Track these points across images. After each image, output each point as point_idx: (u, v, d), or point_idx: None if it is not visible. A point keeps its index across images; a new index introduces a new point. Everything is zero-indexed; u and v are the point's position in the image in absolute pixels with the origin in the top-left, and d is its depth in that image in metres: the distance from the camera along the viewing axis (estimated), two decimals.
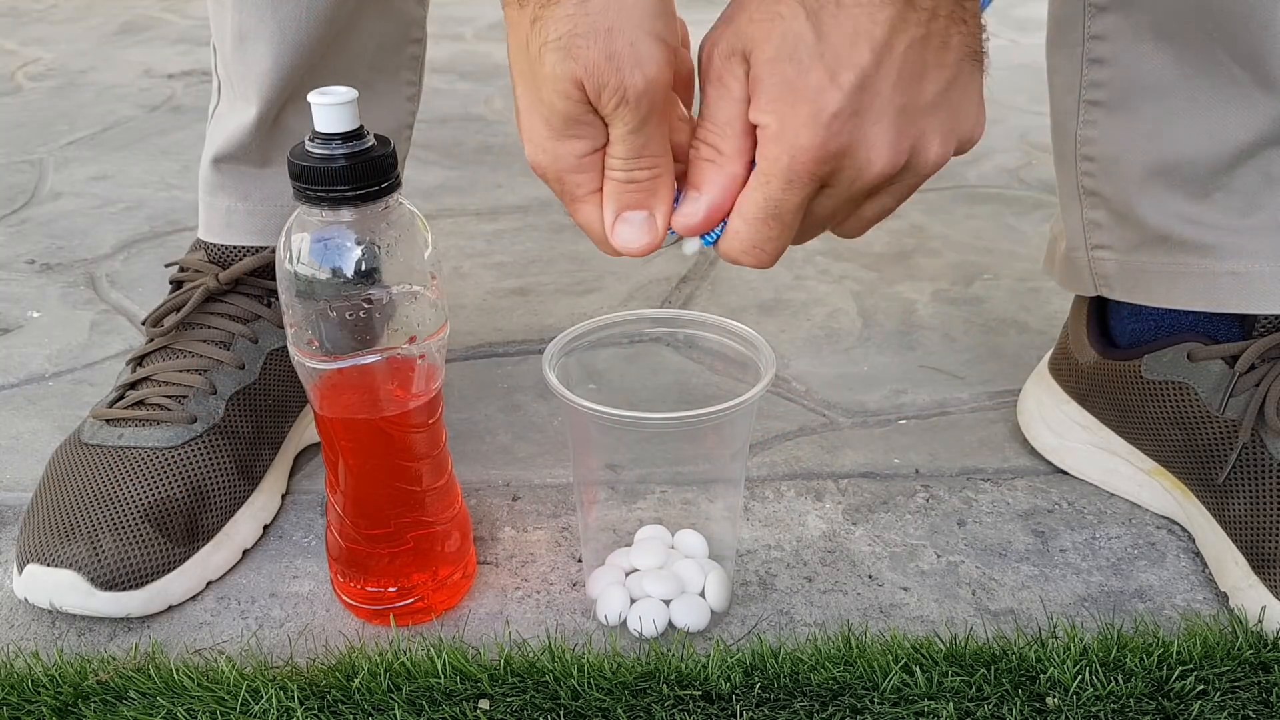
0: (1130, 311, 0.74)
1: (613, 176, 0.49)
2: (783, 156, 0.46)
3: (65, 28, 2.01)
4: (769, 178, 0.47)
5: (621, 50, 0.45)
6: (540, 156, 0.49)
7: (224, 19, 0.74)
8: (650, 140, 0.48)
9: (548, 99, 0.46)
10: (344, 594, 0.66)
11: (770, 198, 0.47)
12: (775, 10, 0.45)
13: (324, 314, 0.57)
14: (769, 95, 0.46)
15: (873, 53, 0.45)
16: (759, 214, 0.48)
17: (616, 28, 0.45)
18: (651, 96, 0.46)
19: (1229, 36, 0.64)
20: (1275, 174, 0.67)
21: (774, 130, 0.46)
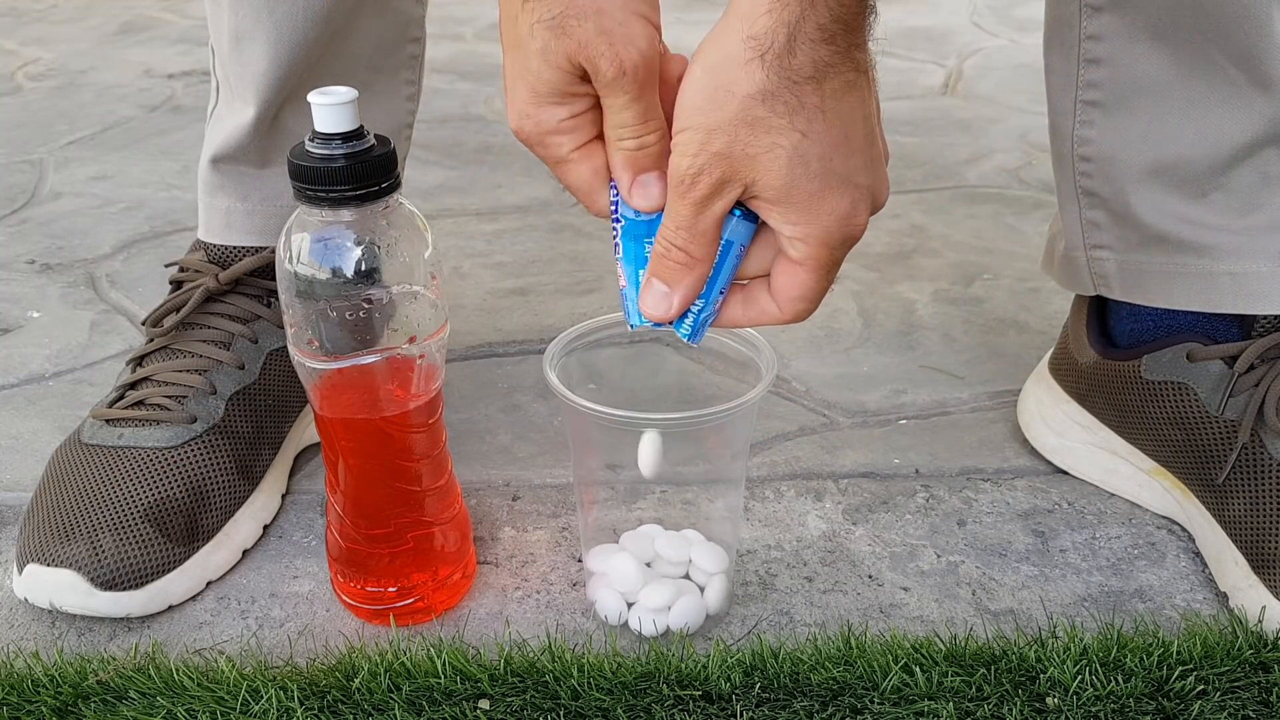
0: (1129, 311, 0.74)
1: (623, 146, 0.51)
2: (834, 252, 0.51)
3: (65, 28, 2.01)
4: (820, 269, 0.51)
5: (612, 28, 0.48)
6: (524, 122, 0.52)
7: (221, 19, 0.74)
8: (651, 107, 0.50)
9: (536, 68, 0.49)
10: (344, 594, 0.66)
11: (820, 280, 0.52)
12: (772, 140, 0.47)
13: (324, 314, 0.57)
14: (797, 213, 0.49)
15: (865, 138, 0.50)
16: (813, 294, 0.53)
17: (605, 9, 0.48)
18: (648, 66, 0.49)
19: (1224, 37, 0.64)
20: (1272, 174, 0.67)
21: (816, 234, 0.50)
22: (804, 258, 0.51)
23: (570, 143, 0.52)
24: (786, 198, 0.49)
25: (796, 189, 0.48)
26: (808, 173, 0.48)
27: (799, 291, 0.52)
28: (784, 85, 0.47)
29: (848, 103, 0.48)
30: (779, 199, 0.49)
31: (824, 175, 0.49)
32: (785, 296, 0.53)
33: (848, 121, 0.49)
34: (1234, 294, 0.68)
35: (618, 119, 0.50)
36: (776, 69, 0.46)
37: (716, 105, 0.47)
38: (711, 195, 0.49)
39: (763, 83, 0.47)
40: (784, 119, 0.47)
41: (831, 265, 0.51)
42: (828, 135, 0.48)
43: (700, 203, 0.49)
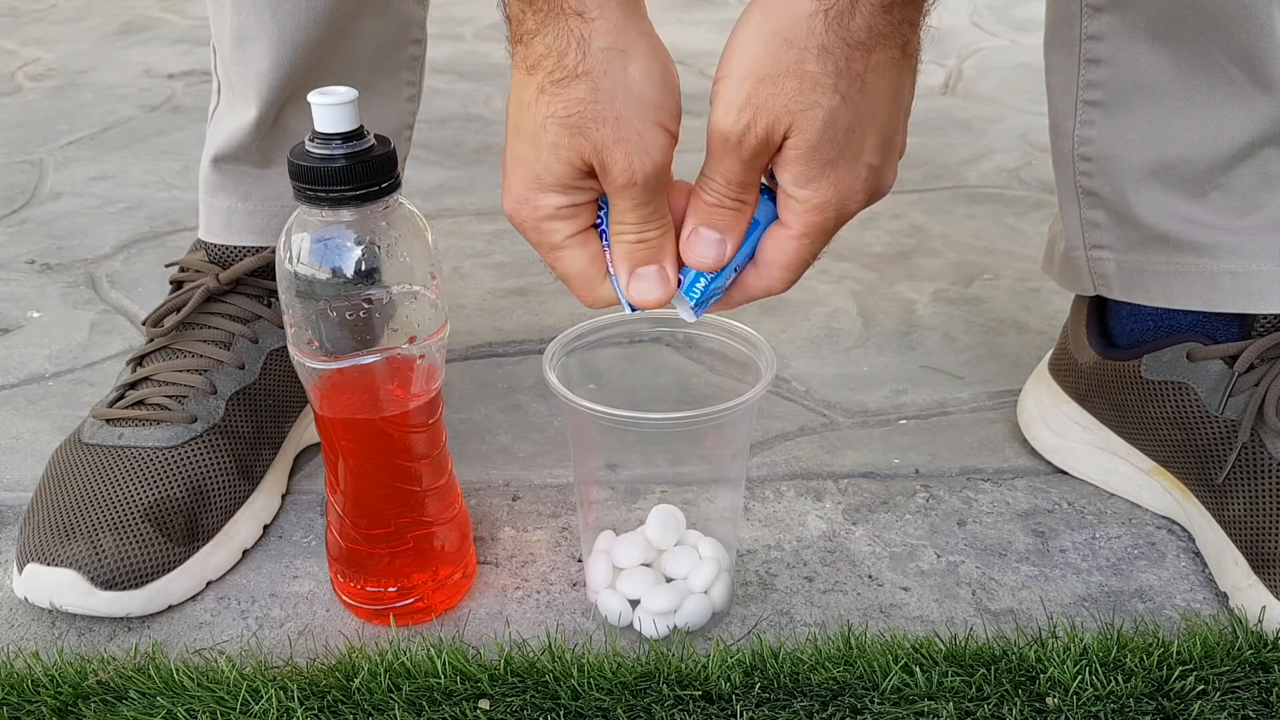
0: (1129, 311, 0.74)
1: (623, 240, 0.52)
2: (828, 221, 0.51)
3: (65, 28, 2.01)
4: (811, 237, 0.52)
5: (629, 137, 0.49)
6: (521, 207, 0.52)
7: (223, 19, 0.74)
8: (658, 209, 0.52)
9: (545, 160, 0.50)
10: (344, 594, 0.66)
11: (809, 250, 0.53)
12: (814, 99, 0.47)
13: (324, 314, 0.57)
14: (807, 176, 0.50)
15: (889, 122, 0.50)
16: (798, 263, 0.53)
17: (625, 116, 0.48)
18: (659, 176, 0.50)
19: (1225, 36, 0.64)
20: (1272, 173, 0.67)
21: (818, 200, 0.50)
22: (800, 224, 0.51)
23: (566, 229, 0.53)
24: (808, 158, 0.49)
25: (820, 152, 0.49)
26: (834, 139, 0.48)
27: (786, 258, 0.53)
28: (839, 44, 0.46)
29: (886, 80, 0.48)
30: (801, 159, 0.49)
31: (845, 145, 0.49)
32: (771, 262, 0.53)
33: (880, 99, 0.49)
34: (1234, 294, 0.68)
35: (622, 218, 0.51)
36: (836, 27, 0.46)
37: (771, 54, 0.47)
38: (760, 149, 0.49)
39: (822, 38, 0.46)
40: (830, 79, 0.47)
41: (822, 237, 0.52)
42: (861, 106, 0.48)
43: (750, 159, 0.50)
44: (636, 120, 0.49)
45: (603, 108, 0.48)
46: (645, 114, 0.49)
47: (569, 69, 0.48)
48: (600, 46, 0.48)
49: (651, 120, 0.49)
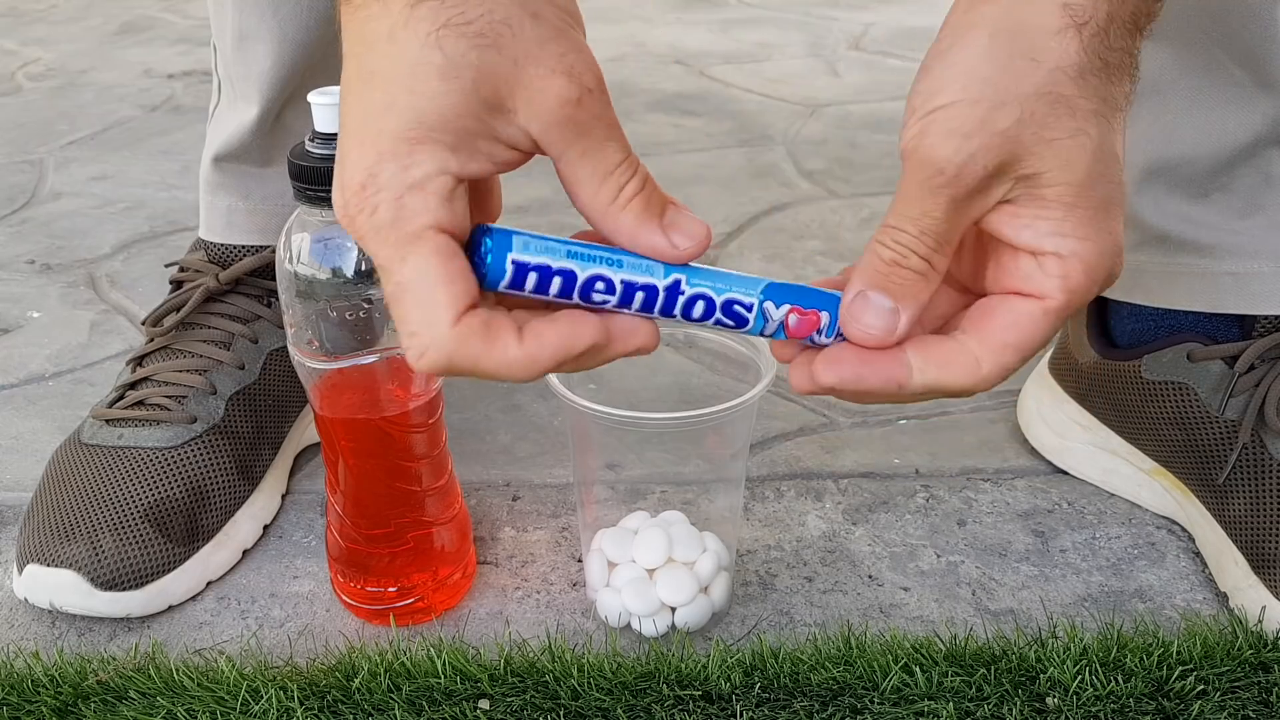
0: (1130, 311, 0.74)
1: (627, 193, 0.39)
2: (1094, 287, 0.40)
3: (65, 28, 2.01)
4: (1068, 311, 0.40)
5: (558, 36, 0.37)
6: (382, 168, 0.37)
7: (224, 18, 0.74)
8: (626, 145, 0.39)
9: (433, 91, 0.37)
10: (344, 594, 0.66)
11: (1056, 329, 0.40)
12: (1077, 125, 0.38)
13: (324, 314, 0.57)
14: (1079, 221, 0.39)
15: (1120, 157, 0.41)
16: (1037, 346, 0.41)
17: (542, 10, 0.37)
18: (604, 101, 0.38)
19: (1228, 36, 0.64)
20: (1274, 174, 0.67)
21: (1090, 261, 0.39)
22: (1063, 289, 0.39)
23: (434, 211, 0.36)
24: (1078, 199, 0.39)
25: (1092, 191, 0.39)
26: (1106, 175, 0.39)
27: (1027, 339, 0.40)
28: (1098, 65, 0.38)
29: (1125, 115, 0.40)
30: (1067, 199, 0.39)
31: (1118, 182, 0.39)
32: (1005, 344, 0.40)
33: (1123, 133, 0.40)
34: (1235, 294, 0.68)
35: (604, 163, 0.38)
36: (1094, 45, 0.38)
37: (1012, 75, 0.38)
38: (979, 189, 0.39)
39: (1078, 56, 0.38)
40: (1094, 104, 0.38)
41: (1074, 309, 0.40)
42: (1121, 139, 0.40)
43: (963, 198, 0.39)
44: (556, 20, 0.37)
45: (514, 7, 0.36)
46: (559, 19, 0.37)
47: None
48: None
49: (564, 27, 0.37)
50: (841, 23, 1.97)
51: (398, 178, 0.36)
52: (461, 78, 0.35)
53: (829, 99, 1.57)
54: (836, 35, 1.90)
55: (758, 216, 1.20)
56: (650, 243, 0.39)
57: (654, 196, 0.39)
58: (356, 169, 0.37)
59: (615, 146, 0.38)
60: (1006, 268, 0.40)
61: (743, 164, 1.34)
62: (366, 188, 0.36)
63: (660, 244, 0.39)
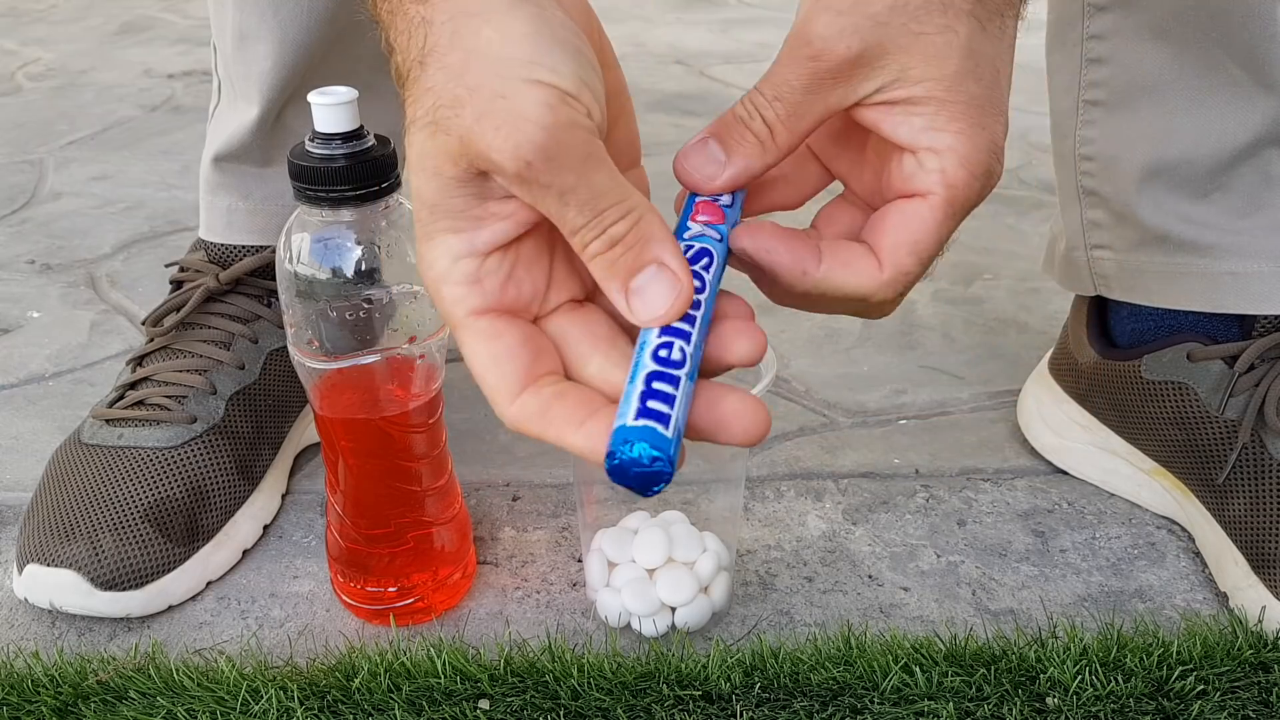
0: (1130, 311, 0.74)
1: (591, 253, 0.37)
2: (976, 183, 0.39)
3: (65, 28, 2.01)
4: (957, 208, 0.39)
5: (494, 109, 0.36)
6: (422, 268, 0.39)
7: (225, 18, 0.74)
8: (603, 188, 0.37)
9: (417, 188, 0.38)
10: (344, 594, 0.66)
11: (951, 230, 0.40)
12: (947, 23, 0.38)
13: (324, 314, 0.57)
14: (951, 116, 0.39)
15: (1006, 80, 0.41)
16: (935, 251, 0.40)
17: (481, 85, 0.36)
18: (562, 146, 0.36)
19: (1227, 36, 0.64)
20: (1274, 174, 0.67)
21: (965, 155, 0.39)
22: (940, 186, 0.39)
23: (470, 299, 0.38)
24: (948, 94, 0.38)
25: (963, 86, 0.39)
26: (978, 72, 0.39)
27: (917, 237, 0.39)
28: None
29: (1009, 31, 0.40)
30: (937, 94, 0.39)
31: (993, 85, 0.39)
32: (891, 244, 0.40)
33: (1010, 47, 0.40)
34: (1235, 294, 0.68)
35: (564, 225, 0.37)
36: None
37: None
38: (842, 71, 0.39)
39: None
40: (967, 5, 0.38)
41: (962, 210, 0.40)
42: (1002, 44, 0.39)
43: (824, 75, 0.39)
44: (497, 84, 0.36)
45: (454, 86, 0.36)
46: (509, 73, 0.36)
47: (414, 58, 0.38)
48: (442, 20, 0.37)
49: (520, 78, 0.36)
50: None
51: (429, 275, 0.38)
52: (426, 167, 0.37)
53: None
54: None
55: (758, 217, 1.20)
56: (613, 300, 0.38)
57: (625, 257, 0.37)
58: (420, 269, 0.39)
59: (573, 212, 0.37)
60: (893, 172, 0.40)
61: None
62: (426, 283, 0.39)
63: (621, 306, 0.38)
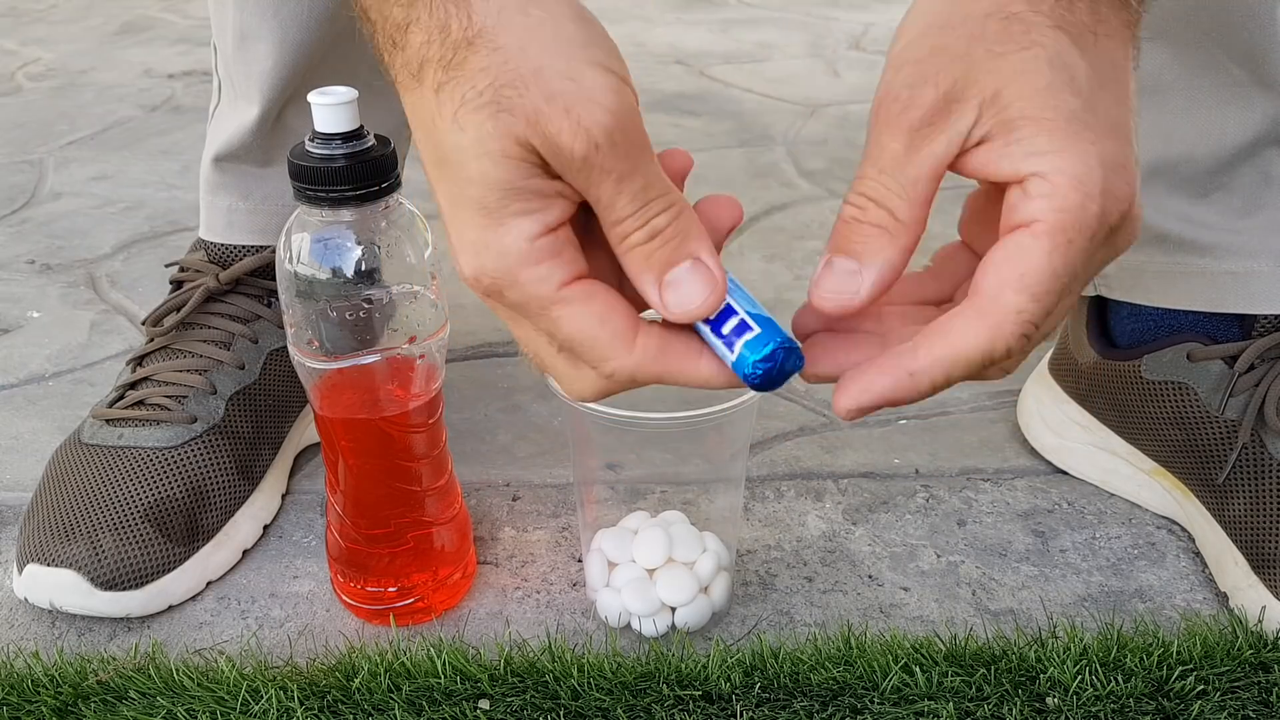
0: (1130, 311, 0.74)
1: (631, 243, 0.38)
2: (1092, 205, 0.35)
3: (65, 28, 2.01)
4: (1073, 236, 0.35)
5: (563, 89, 0.36)
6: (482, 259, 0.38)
7: (225, 18, 0.74)
8: (652, 179, 0.38)
9: (480, 172, 0.37)
10: (344, 594, 0.66)
11: (1073, 261, 0.35)
12: (1030, 39, 0.35)
13: (324, 314, 0.57)
14: (1056, 133, 0.35)
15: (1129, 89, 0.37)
16: (1057, 286, 0.36)
17: (547, 66, 0.36)
18: (626, 128, 0.36)
19: (1227, 36, 0.64)
20: (1274, 173, 0.67)
21: (1075, 174, 0.35)
22: (1043, 211, 0.35)
23: (556, 271, 0.38)
24: (1043, 111, 0.35)
25: (1058, 99, 0.35)
26: (1071, 82, 0.35)
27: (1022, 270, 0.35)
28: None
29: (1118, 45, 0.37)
30: (1031, 113, 0.35)
31: (1092, 95, 0.36)
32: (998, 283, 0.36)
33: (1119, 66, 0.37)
34: (1235, 294, 0.68)
35: (612, 212, 0.37)
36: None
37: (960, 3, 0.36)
38: (933, 116, 0.36)
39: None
40: (1050, 20, 0.36)
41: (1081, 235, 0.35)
42: (1100, 59, 0.36)
43: (918, 125, 0.36)
44: (562, 65, 0.36)
45: (515, 66, 0.36)
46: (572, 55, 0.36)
47: (455, 40, 0.36)
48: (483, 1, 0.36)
49: (584, 60, 0.36)
50: (841, 23, 1.97)
51: (500, 263, 0.37)
52: (490, 151, 0.36)
53: (829, 99, 1.56)
54: (836, 35, 1.90)
55: (758, 217, 1.20)
56: (645, 293, 0.39)
57: (662, 250, 0.38)
58: (464, 263, 0.38)
59: (624, 199, 0.37)
60: (1004, 213, 0.37)
61: (743, 164, 1.34)
62: (481, 280, 0.38)
63: (653, 299, 0.39)
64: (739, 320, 0.39)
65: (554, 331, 0.38)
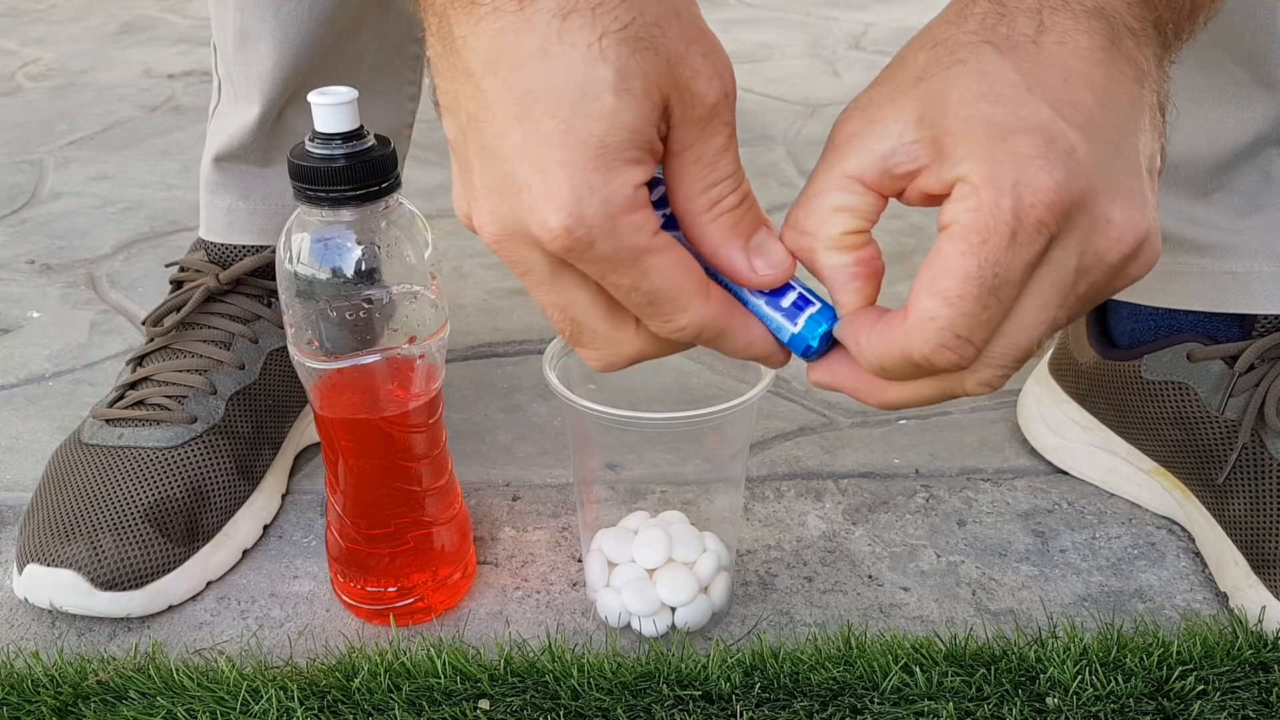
0: (1130, 311, 0.74)
1: (724, 207, 0.38)
2: (1004, 200, 0.34)
3: (65, 28, 2.01)
4: (986, 234, 0.35)
5: (697, 35, 0.36)
6: (584, 205, 0.35)
7: (225, 18, 0.74)
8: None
9: (608, 109, 0.35)
10: (344, 594, 0.66)
11: (987, 261, 0.35)
12: (954, 58, 0.36)
13: (324, 314, 0.57)
14: (971, 139, 0.35)
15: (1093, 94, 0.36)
16: (972, 289, 0.35)
17: (680, 10, 0.36)
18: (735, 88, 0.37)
19: (1228, 36, 0.64)
20: (1275, 173, 0.67)
21: (986, 173, 0.35)
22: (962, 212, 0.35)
23: (653, 221, 0.37)
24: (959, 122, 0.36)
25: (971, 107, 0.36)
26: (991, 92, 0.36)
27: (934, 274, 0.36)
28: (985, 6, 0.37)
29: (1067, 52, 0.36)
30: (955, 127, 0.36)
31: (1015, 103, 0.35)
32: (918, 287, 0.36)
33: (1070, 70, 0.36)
34: (1236, 293, 0.68)
35: (713, 171, 0.37)
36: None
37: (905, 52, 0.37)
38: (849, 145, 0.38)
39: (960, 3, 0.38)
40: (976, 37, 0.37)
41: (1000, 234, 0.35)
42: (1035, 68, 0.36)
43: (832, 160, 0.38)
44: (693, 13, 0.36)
45: (654, 6, 0.35)
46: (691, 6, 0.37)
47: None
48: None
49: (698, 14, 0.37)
50: (841, 23, 1.97)
51: (603, 210, 0.35)
52: (632, 88, 0.35)
53: (829, 99, 1.56)
54: (836, 35, 1.90)
55: None
56: (730, 259, 0.39)
57: (749, 216, 0.39)
58: (552, 210, 0.35)
59: (729, 159, 0.38)
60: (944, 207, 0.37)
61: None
62: (574, 229, 0.35)
63: (740, 264, 0.39)
64: (798, 294, 0.41)
65: (639, 283, 0.37)
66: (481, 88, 0.36)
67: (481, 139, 0.37)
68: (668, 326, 0.38)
